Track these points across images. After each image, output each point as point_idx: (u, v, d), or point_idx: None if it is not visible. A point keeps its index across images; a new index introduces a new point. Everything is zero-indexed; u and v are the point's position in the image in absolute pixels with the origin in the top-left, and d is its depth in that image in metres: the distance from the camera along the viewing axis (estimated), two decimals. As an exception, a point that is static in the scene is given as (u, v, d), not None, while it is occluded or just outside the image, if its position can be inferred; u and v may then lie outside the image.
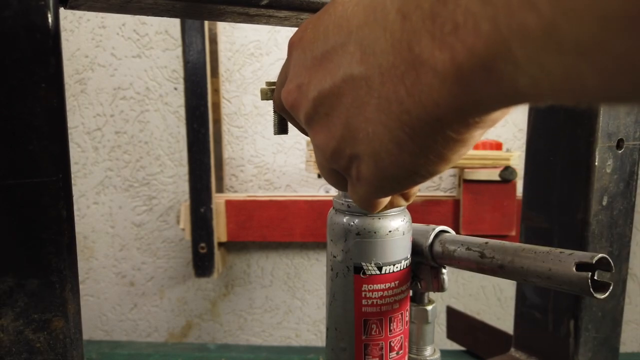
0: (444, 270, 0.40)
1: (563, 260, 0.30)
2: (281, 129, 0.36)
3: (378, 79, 0.22)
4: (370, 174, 0.25)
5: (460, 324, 1.05)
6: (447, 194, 1.26)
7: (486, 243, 0.36)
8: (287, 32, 1.23)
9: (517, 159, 1.10)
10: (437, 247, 0.39)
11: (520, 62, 0.17)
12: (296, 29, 0.30)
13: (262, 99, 0.36)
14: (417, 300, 0.42)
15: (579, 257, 0.30)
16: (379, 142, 0.23)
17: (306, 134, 0.31)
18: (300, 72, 0.27)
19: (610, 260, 0.29)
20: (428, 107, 0.21)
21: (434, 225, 0.40)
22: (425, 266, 0.40)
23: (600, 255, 0.30)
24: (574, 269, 0.30)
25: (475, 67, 0.18)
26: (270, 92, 0.35)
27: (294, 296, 1.34)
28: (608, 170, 0.51)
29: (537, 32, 0.15)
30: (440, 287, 0.40)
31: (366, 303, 0.36)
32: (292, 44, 0.29)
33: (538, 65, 0.16)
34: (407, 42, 0.20)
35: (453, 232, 0.40)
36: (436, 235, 0.39)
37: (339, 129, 0.25)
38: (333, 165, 0.28)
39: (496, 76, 0.18)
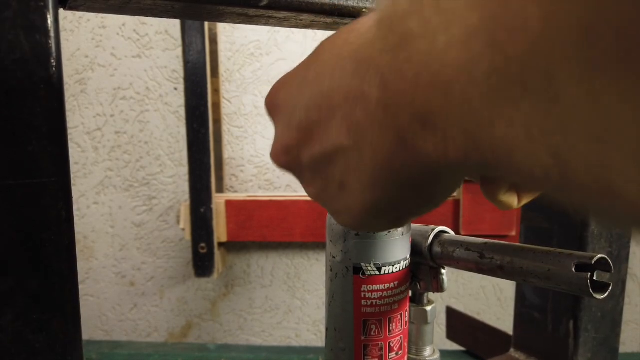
0: (443, 271, 0.40)
1: (562, 261, 0.30)
2: None
3: (369, 151, 0.22)
4: (358, 222, 0.27)
5: (460, 324, 1.05)
6: (447, 194, 1.26)
7: (485, 244, 0.36)
8: (287, 32, 1.23)
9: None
10: (437, 248, 0.39)
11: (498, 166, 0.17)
12: (296, 29, 0.30)
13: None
14: (417, 300, 0.42)
15: (578, 258, 0.30)
16: (371, 196, 0.24)
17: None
18: (285, 134, 0.27)
19: (610, 261, 0.30)
20: (426, 174, 0.21)
21: (433, 226, 0.40)
22: (425, 266, 0.40)
23: (599, 255, 0.30)
24: (573, 269, 0.30)
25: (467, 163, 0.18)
26: None
27: (294, 296, 1.34)
28: (608, 171, 0.51)
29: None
30: (439, 288, 0.40)
31: (365, 303, 0.36)
32: (271, 107, 0.29)
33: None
34: (395, 130, 0.20)
35: (452, 233, 0.40)
36: (436, 236, 0.39)
37: (330, 184, 0.26)
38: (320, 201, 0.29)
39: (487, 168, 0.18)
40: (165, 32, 1.23)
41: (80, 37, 1.23)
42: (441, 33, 0.17)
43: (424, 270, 0.40)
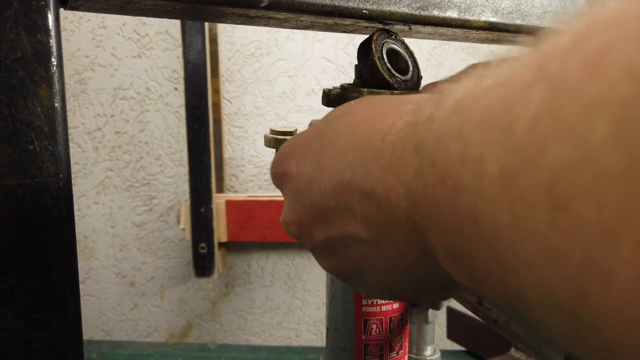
0: None
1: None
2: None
3: (391, 250, 0.22)
4: (367, 292, 0.28)
5: (460, 324, 1.05)
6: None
7: None
8: (287, 33, 1.23)
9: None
10: None
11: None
12: (296, 30, 0.29)
13: (265, 145, 0.36)
14: (417, 300, 0.42)
15: None
16: (385, 287, 0.25)
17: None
18: (297, 209, 0.26)
19: None
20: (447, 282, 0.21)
21: None
22: None
23: None
24: (562, 358, 0.29)
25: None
26: (274, 142, 0.36)
27: (294, 296, 1.34)
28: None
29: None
30: (436, 307, 0.40)
31: (366, 303, 0.36)
32: (280, 175, 0.29)
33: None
34: (422, 246, 0.20)
35: None
36: None
37: (345, 266, 0.25)
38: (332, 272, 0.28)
39: None
40: (165, 32, 1.23)
41: (80, 37, 1.23)
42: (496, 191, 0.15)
43: None
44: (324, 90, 0.36)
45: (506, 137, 0.14)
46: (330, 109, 0.32)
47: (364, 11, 0.34)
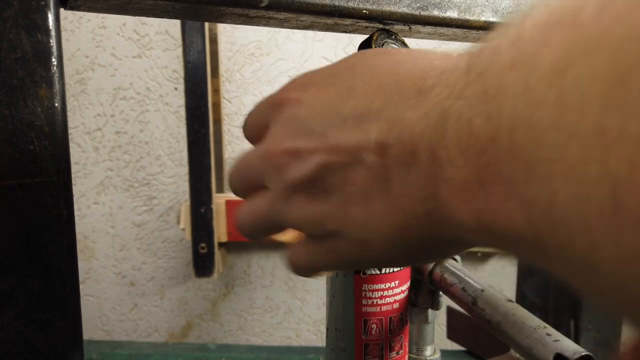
0: (440, 293, 0.40)
1: (545, 345, 0.30)
2: None
3: (397, 185, 0.21)
4: (346, 254, 0.24)
5: (460, 324, 1.05)
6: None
7: (482, 291, 0.35)
8: (287, 33, 1.23)
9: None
10: (437, 276, 0.39)
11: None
12: (296, 30, 0.29)
13: None
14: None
15: (562, 348, 0.29)
16: (377, 236, 0.23)
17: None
18: (301, 136, 0.24)
19: (594, 358, 0.29)
20: (450, 228, 0.20)
21: None
22: (424, 285, 0.40)
23: (583, 352, 0.29)
24: (551, 358, 0.29)
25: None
26: None
27: (294, 296, 1.34)
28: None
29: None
30: (435, 307, 0.40)
31: (366, 303, 0.36)
32: (280, 102, 0.26)
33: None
34: (434, 189, 0.19)
35: (458, 259, 0.40)
36: (439, 261, 0.39)
37: (333, 208, 0.24)
38: (300, 227, 0.26)
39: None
40: (165, 32, 1.23)
41: (80, 37, 1.23)
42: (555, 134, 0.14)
43: (422, 288, 0.40)
44: None
45: (568, 28, 0.14)
46: None
47: (364, 11, 0.34)
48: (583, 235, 0.14)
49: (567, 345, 0.29)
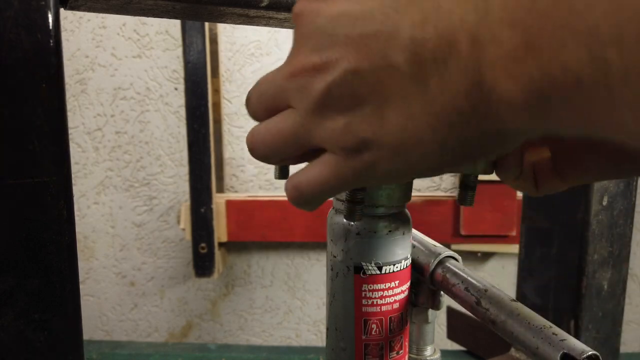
0: (442, 293, 0.40)
1: (552, 344, 0.30)
2: (283, 174, 0.34)
3: (435, 82, 0.20)
4: (380, 165, 0.23)
5: (460, 324, 1.05)
6: (447, 194, 1.25)
7: (486, 291, 0.35)
8: (287, 33, 1.23)
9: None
10: (438, 276, 0.38)
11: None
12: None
13: None
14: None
15: (569, 348, 0.29)
16: (416, 140, 0.21)
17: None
18: (324, 46, 0.23)
19: (600, 358, 0.29)
20: (497, 115, 0.19)
21: (440, 248, 0.39)
22: (424, 285, 0.40)
23: (590, 352, 0.28)
24: (558, 357, 0.29)
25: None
26: None
27: (294, 296, 1.34)
28: (608, 171, 0.51)
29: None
30: (436, 307, 0.40)
31: (366, 303, 0.36)
32: (309, 13, 0.24)
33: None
34: (475, 68, 0.19)
35: (459, 259, 0.40)
36: (440, 262, 0.39)
37: (367, 115, 0.22)
38: (329, 142, 0.24)
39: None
40: (165, 32, 1.23)
41: (80, 37, 1.23)
42: None
43: (423, 288, 0.40)
44: None
45: None
46: None
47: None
48: None
49: (574, 344, 0.29)
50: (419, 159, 0.22)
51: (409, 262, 0.37)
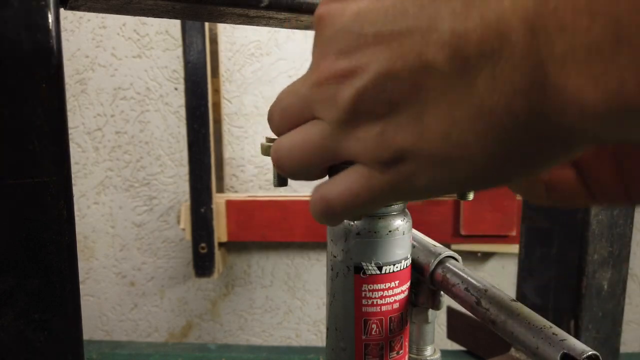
0: (442, 293, 0.40)
1: (552, 344, 0.30)
2: (281, 181, 0.34)
3: (481, 81, 0.17)
4: (420, 177, 0.20)
5: (460, 324, 1.05)
6: (447, 194, 1.25)
7: (486, 291, 0.35)
8: (287, 33, 1.23)
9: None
10: (438, 276, 0.38)
11: None
12: (296, 30, 0.29)
13: (262, 154, 0.34)
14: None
15: (569, 348, 0.29)
16: (462, 149, 0.19)
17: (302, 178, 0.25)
18: (352, 48, 0.21)
19: (600, 358, 0.29)
20: (564, 121, 0.16)
21: (440, 248, 0.39)
22: (424, 285, 0.40)
23: (590, 352, 0.28)
24: (558, 357, 0.29)
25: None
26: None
27: (294, 296, 1.34)
28: (608, 171, 0.51)
29: None
30: (436, 307, 0.40)
31: (366, 303, 0.36)
32: (332, 15, 0.22)
33: None
34: (536, 61, 0.16)
35: (459, 259, 0.40)
36: (440, 262, 0.39)
37: (404, 122, 0.20)
38: (361, 154, 0.22)
39: None
40: (165, 32, 1.23)
41: (80, 37, 1.23)
42: None
43: (423, 288, 0.40)
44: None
45: None
46: None
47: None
48: None
49: (574, 344, 0.29)
50: (464, 171, 0.19)
51: (409, 262, 0.37)
